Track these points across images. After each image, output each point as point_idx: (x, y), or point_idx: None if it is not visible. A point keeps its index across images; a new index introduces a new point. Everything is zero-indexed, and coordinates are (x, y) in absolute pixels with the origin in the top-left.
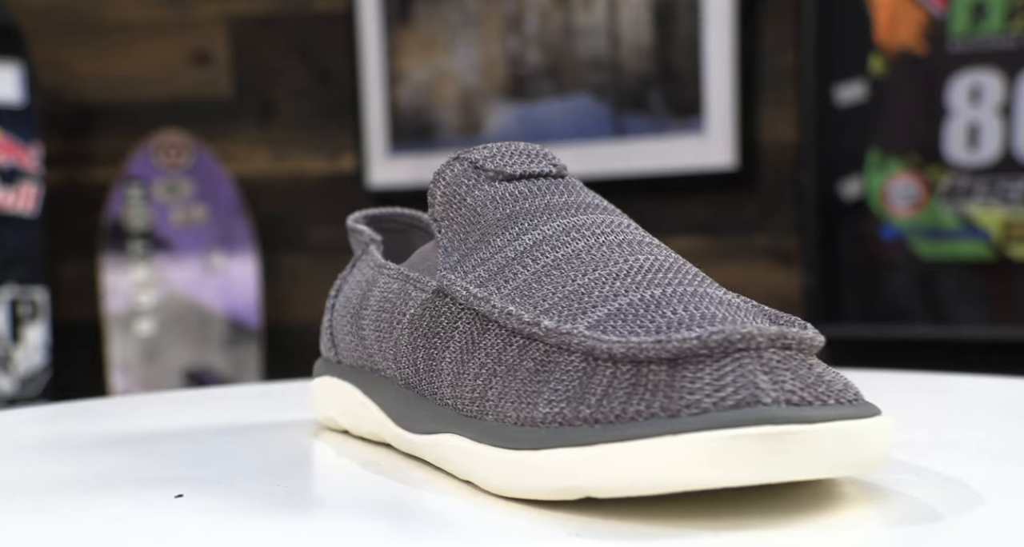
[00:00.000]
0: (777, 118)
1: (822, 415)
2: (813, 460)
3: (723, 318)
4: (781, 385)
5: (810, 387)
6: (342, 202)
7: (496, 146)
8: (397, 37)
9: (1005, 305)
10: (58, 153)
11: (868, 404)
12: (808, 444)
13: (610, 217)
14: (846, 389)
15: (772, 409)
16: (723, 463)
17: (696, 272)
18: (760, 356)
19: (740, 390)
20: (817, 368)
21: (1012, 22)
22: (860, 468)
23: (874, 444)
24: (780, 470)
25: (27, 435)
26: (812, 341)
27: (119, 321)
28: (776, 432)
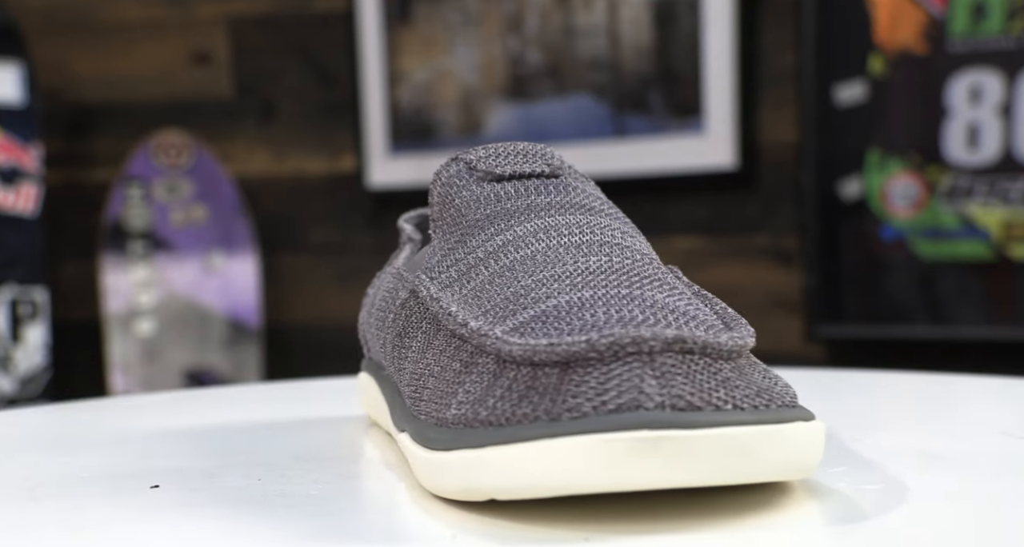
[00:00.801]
0: (777, 118)
1: (709, 420)
2: (693, 466)
3: (641, 321)
4: (669, 390)
5: (705, 392)
6: (342, 202)
7: (495, 146)
8: (397, 37)
9: (1005, 305)
10: (58, 153)
11: (793, 410)
12: (687, 450)
13: (588, 218)
14: (768, 394)
15: (653, 414)
16: (597, 467)
17: (651, 275)
18: (653, 360)
19: (623, 394)
20: (726, 372)
21: (1012, 22)
22: (757, 476)
23: (773, 452)
24: (656, 475)
25: (27, 435)
26: (720, 346)
27: (119, 321)
28: (651, 437)
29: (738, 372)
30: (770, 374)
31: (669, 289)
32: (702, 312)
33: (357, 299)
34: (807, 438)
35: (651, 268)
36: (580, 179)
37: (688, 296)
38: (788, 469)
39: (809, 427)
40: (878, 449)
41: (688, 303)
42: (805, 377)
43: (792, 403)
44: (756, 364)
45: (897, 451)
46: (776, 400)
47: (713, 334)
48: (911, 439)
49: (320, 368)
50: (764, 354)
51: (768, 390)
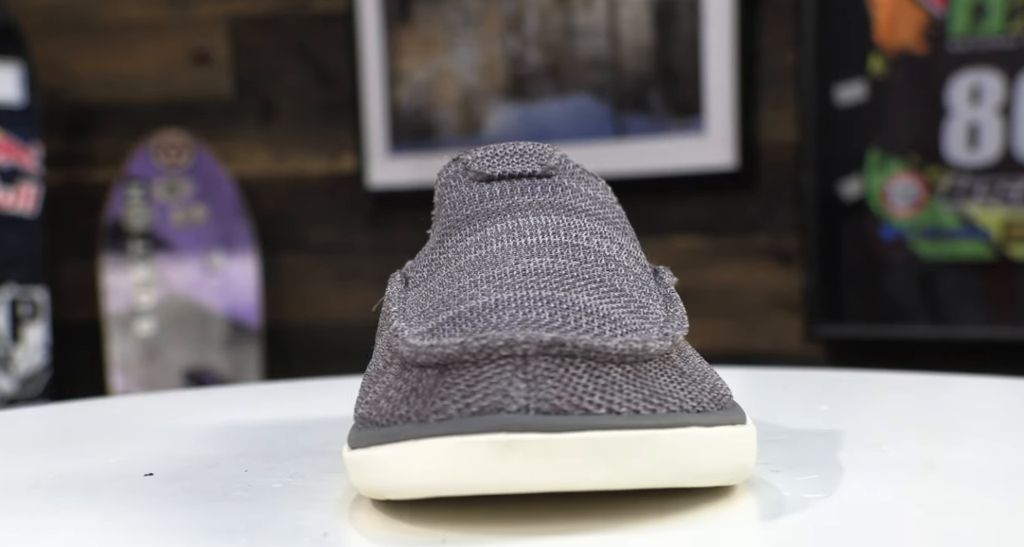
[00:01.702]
0: (777, 118)
1: (571, 424)
2: (552, 470)
3: (547, 324)
4: (536, 393)
5: (577, 396)
6: (342, 202)
7: (494, 147)
8: (397, 37)
9: (1005, 305)
10: (58, 153)
11: (699, 415)
12: (544, 453)
13: (563, 219)
14: (664, 398)
15: (514, 417)
16: (457, 469)
17: (594, 277)
18: (526, 363)
19: (488, 397)
20: (614, 376)
21: (1012, 22)
22: (632, 482)
23: (648, 457)
24: (515, 478)
25: (27, 435)
26: (607, 350)
27: (119, 321)
28: (506, 440)
29: (633, 376)
30: (693, 378)
31: (606, 292)
32: (628, 316)
33: (357, 299)
34: (701, 443)
35: (600, 270)
36: (578, 179)
37: (630, 299)
38: (676, 475)
39: (711, 433)
40: (871, 450)
41: (618, 306)
42: (805, 377)
43: (694, 408)
44: (677, 367)
45: (890, 452)
46: (674, 404)
47: (602, 338)
48: (908, 440)
49: (320, 368)
50: (764, 354)
51: (669, 394)
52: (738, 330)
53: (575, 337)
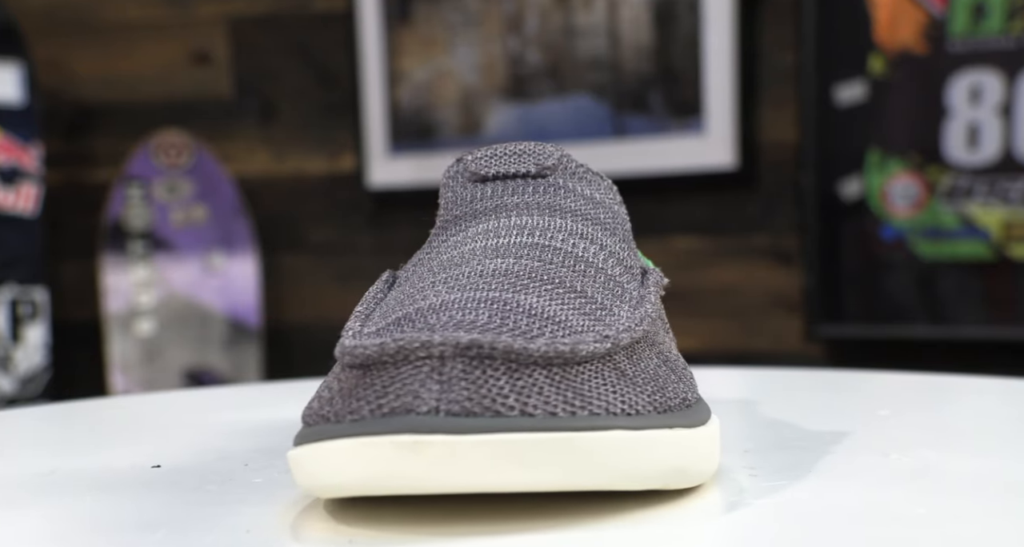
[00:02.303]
0: (777, 118)
1: (478, 426)
2: (457, 471)
3: (481, 326)
4: (448, 395)
5: (490, 398)
6: (342, 202)
7: (495, 147)
8: (397, 37)
9: (1004, 305)
10: (58, 153)
11: (635, 418)
12: (449, 455)
13: (546, 219)
14: (589, 400)
15: (421, 418)
16: (362, 470)
17: (553, 279)
18: (443, 364)
19: (400, 398)
20: (536, 378)
21: (1012, 22)
22: (546, 484)
23: (561, 459)
24: (420, 479)
25: (27, 435)
26: (529, 352)
27: (119, 321)
28: (410, 441)
29: (559, 378)
30: (635, 381)
31: (562, 293)
32: (577, 318)
33: (357, 299)
34: (624, 447)
35: (564, 271)
36: (579, 179)
37: (588, 301)
38: (600, 478)
39: (637, 435)
40: (862, 452)
41: (569, 308)
42: (805, 377)
43: (639, 411)
44: (620, 369)
45: (883, 455)
46: (599, 407)
47: (525, 340)
48: (905, 442)
49: (320, 368)
50: (764, 354)
51: (596, 397)
52: (738, 330)
53: (495, 339)
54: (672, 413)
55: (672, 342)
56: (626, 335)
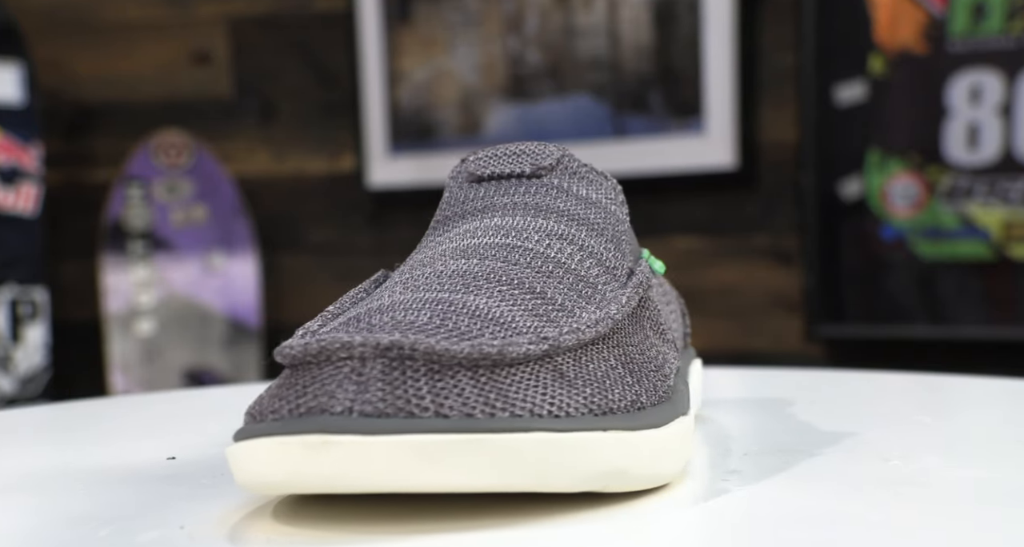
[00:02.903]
0: (777, 118)
1: (388, 427)
2: (367, 471)
3: (419, 326)
4: (363, 395)
5: (404, 399)
6: (342, 202)
7: (497, 147)
8: (397, 37)
9: (1005, 305)
10: (58, 153)
11: (557, 420)
12: (357, 455)
13: (528, 220)
14: (511, 401)
15: (333, 418)
16: (275, 469)
17: (512, 280)
18: (363, 365)
19: (316, 398)
20: (459, 379)
21: (1012, 22)
22: (458, 484)
23: (472, 460)
24: (330, 479)
25: (27, 435)
26: (451, 354)
27: (119, 321)
28: (319, 440)
29: (485, 379)
30: (574, 383)
31: (517, 295)
32: (527, 319)
33: None
34: (547, 448)
35: (527, 273)
36: (579, 179)
37: (546, 302)
38: (523, 479)
39: (560, 437)
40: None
41: (521, 310)
42: (805, 377)
43: (569, 413)
44: (560, 370)
45: (873, 458)
46: (523, 408)
47: (449, 342)
48: (900, 444)
49: None
50: (764, 354)
51: (523, 398)
52: (738, 330)
53: (416, 341)
54: (613, 415)
55: (657, 341)
56: (571, 337)
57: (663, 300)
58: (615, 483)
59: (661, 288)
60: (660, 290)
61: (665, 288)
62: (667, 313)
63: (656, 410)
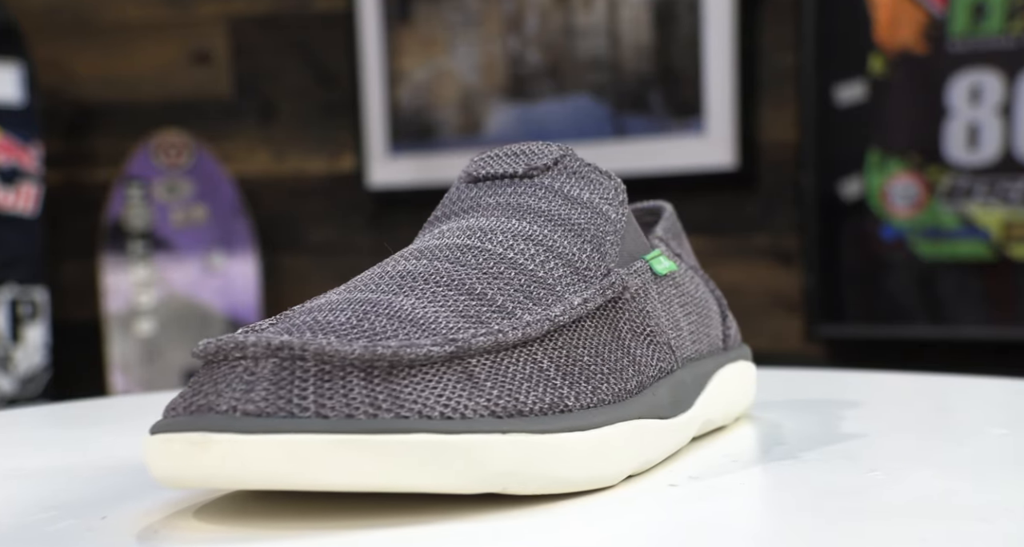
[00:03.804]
0: (777, 118)
1: (265, 426)
2: (245, 470)
3: (334, 326)
4: (248, 395)
5: (287, 398)
6: (342, 202)
7: (500, 147)
8: (397, 37)
9: (1005, 305)
10: (58, 153)
11: (449, 422)
12: (235, 454)
13: (497, 221)
14: (401, 402)
15: (216, 417)
16: (163, 465)
17: (451, 282)
18: (255, 364)
19: (207, 396)
20: (349, 380)
21: (1012, 22)
22: (338, 483)
23: (350, 460)
24: (210, 476)
25: (27, 435)
26: (342, 354)
27: (119, 321)
28: (200, 439)
29: (379, 380)
30: (482, 386)
31: (454, 296)
32: (454, 320)
33: None
34: (429, 450)
35: (475, 274)
36: (576, 178)
37: (485, 304)
38: (405, 480)
39: (443, 439)
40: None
41: (450, 312)
42: (805, 377)
43: (465, 415)
44: (468, 372)
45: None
46: (411, 410)
47: (341, 343)
48: (899, 455)
49: None
50: (764, 354)
51: (415, 400)
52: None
53: (307, 341)
54: (522, 418)
55: (635, 343)
56: (486, 339)
57: (677, 301)
58: (517, 485)
59: (677, 289)
60: (674, 292)
61: (684, 289)
62: (676, 314)
63: (589, 413)
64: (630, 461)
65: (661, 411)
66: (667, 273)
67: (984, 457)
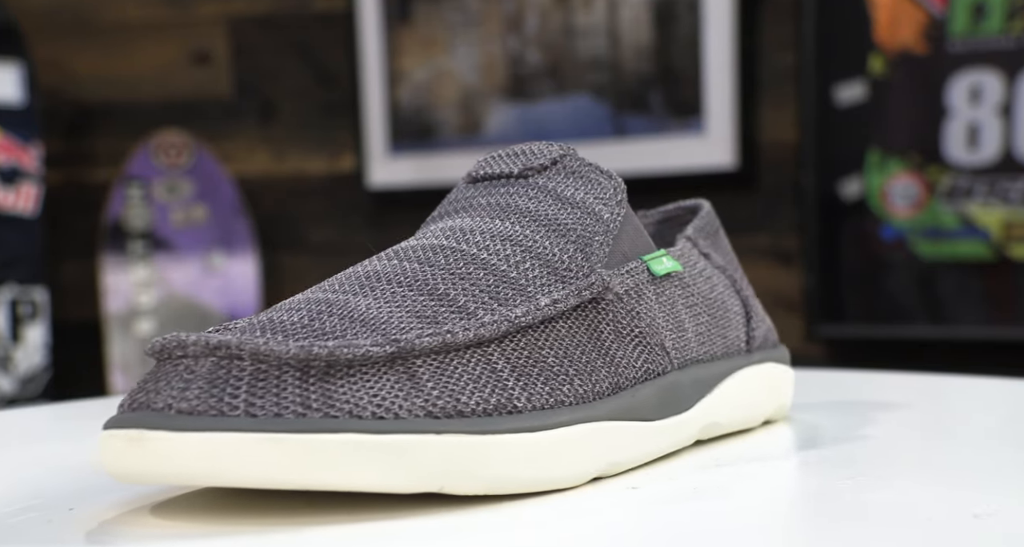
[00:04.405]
0: (777, 118)
1: (193, 424)
2: (176, 466)
3: (285, 325)
4: (183, 393)
5: (220, 397)
6: (342, 202)
7: (505, 148)
8: (397, 37)
9: (1005, 305)
10: (58, 153)
11: (382, 422)
12: (166, 451)
13: (480, 221)
14: (332, 401)
15: (153, 414)
16: (104, 460)
17: (414, 283)
18: (195, 363)
19: (148, 394)
20: (284, 379)
21: (1012, 22)
22: (264, 481)
23: (274, 458)
24: (145, 472)
25: (27, 435)
26: (277, 354)
27: (119, 321)
28: (135, 435)
29: (315, 380)
30: (423, 387)
31: (414, 296)
32: (407, 321)
33: None
34: (354, 449)
35: (441, 275)
36: (573, 178)
37: (445, 305)
38: (332, 478)
39: (369, 439)
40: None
41: (406, 312)
42: (805, 377)
43: (399, 415)
44: (411, 372)
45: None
46: (341, 409)
47: (277, 343)
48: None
49: None
50: None
51: (347, 400)
52: None
53: (244, 341)
54: (462, 418)
55: (617, 345)
56: (432, 339)
57: (682, 302)
58: (454, 485)
59: (683, 289)
60: (679, 293)
61: (694, 289)
62: (680, 316)
63: (543, 414)
64: (593, 463)
65: (643, 413)
66: (668, 274)
67: (984, 458)
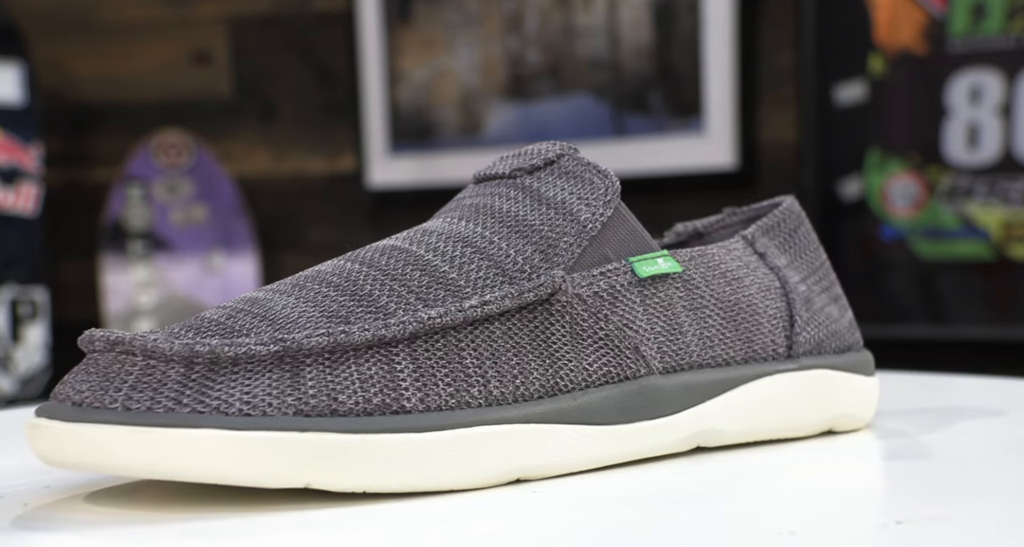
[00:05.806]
0: (777, 118)
1: (74, 415)
2: (62, 455)
3: (202, 323)
4: (77, 386)
5: (102, 390)
6: (342, 202)
7: (517, 149)
8: (397, 37)
9: (1005, 305)
10: (58, 153)
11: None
12: (54, 439)
13: (450, 224)
14: (222, 400)
15: (48, 404)
16: (33, 449)
17: (338, 283)
18: (99, 357)
19: (60, 385)
20: (168, 374)
21: (1012, 22)
22: (136, 473)
23: (146, 453)
24: (46, 459)
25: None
26: (161, 351)
27: (119, 321)
28: (32, 424)
29: (201, 375)
30: (302, 386)
31: (343, 300)
32: (310, 319)
33: None
34: (216, 445)
35: (373, 273)
36: (560, 180)
37: (370, 308)
38: (196, 472)
39: (237, 436)
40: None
41: (323, 313)
42: None
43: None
44: (292, 371)
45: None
46: (226, 406)
47: (165, 340)
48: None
49: None
50: None
51: (230, 394)
52: None
53: (134, 338)
54: (334, 417)
55: (571, 348)
56: (321, 339)
57: (682, 304)
58: (323, 482)
59: (686, 292)
60: (680, 294)
61: (705, 291)
62: (679, 317)
63: (439, 415)
64: (499, 465)
65: (590, 417)
66: (656, 275)
67: (984, 457)
